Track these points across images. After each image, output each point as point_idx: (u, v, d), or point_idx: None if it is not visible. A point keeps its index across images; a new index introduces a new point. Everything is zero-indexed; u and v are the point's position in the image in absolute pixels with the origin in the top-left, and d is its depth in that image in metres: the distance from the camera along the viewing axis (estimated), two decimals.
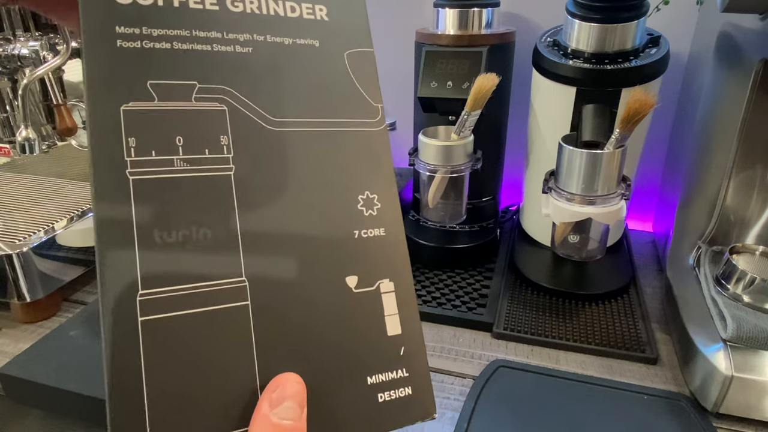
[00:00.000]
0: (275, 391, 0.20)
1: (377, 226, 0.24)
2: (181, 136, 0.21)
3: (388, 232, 0.24)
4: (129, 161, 0.20)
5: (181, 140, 0.21)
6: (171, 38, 0.22)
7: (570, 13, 0.55)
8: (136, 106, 0.21)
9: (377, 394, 0.22)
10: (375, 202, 0.24)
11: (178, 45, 0.22)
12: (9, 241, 0.55)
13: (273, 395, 0.20)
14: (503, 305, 0.57)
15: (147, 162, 0.20)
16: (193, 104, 0.22)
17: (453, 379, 0.49)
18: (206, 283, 0.20)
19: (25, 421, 0.46)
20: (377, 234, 0.24)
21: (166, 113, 0.21)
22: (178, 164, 0.21)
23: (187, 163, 0.21)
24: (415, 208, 0.70)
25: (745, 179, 0.54)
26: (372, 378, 0.22)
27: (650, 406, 0.44)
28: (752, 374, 0.42)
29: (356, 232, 0.23)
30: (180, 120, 0.21)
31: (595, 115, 0.54)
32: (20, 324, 0.57)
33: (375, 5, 0.78)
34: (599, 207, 0.52)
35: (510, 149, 0.72)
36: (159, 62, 0.21)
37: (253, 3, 0.23)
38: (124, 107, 0.20)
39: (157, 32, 0.21)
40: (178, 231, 0.20)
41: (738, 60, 0.52)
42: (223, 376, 0.20)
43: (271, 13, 0.24)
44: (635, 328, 0.54)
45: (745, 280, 0.47)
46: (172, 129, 0.21)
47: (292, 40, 0.24)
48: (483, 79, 0.53)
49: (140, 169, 0.20)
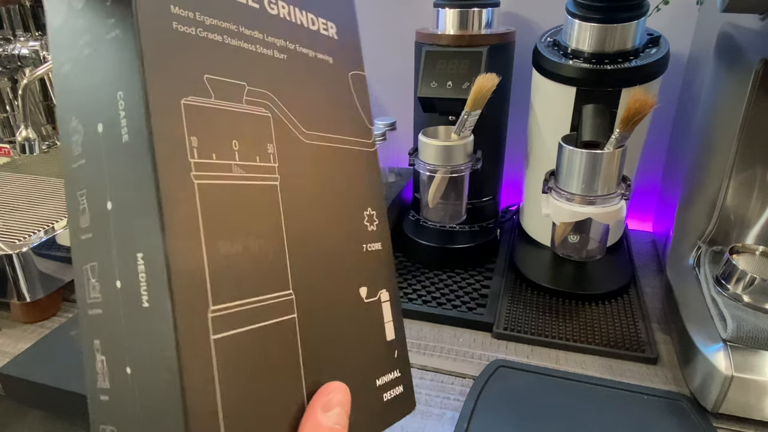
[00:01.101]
0: (326, 397, 0.21)
1: (377, 241, 0.26)
2: (237, 140, 0.20)
3: (384, 246, 0.26)
4: (193, 163, 0.18)
5: (237, 145, 0.20)
6: (222, 30, 0.20)
7: (570, 13, 0.55)
8: (196, 101, 0.19)
9: (383, 394, 0.24)
10: (374, 218, 0.26)
11: (228, 39, 0.20)
12: (9, 241, 0.55)
13: (324, 401, 0.20)
14: (503, 305, 0.57)
15: (209, 165, 0.19)
16: (245, 107, 0.20)
17: (453, 379, 0.49)
18: (265, 296, 0.20)
19: (25, 421, 0.46)
20: (377, 248, 0.25)
21: (223, 113, 0.19)
22: (236, 170, 0.19)
23: (243, 170, 0.20)
24: (415, 208, 0.70)
25: (745, 179, 0.54)
26: (379, 380, 0.24)
27: (650, 406, 0.44)
28: (752, 374, 0.42)
29: (364, 246, 0.25)
30: (235, 122, 0.20)
31: (595, 115, 0.54)
32: (20, 324, 0.57)
33: (375, 5, 0.78)
34: (599, 207, 0.52)
35: (510, 149, 0.72)
36: (213, 55, 0.19)
37: (285, 8, 0.23)
38: (184, 101, 0.18)
39: (210, 21, 0.19)
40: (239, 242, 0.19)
41: (738, 60, 0.52)
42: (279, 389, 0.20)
43: (298, 23, 0.23)
44: (635, 328, 0.54)
45: (745, 280, 0.47)
46: (228, 131, 0.20)
47: (315, 53, 0.24)
48: (483, 79, 0.53)
49: (204, 172, 0.18)
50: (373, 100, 0.85)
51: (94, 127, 0.19)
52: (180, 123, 0.18)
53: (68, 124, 0.20)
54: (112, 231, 0.18)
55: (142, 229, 0.17)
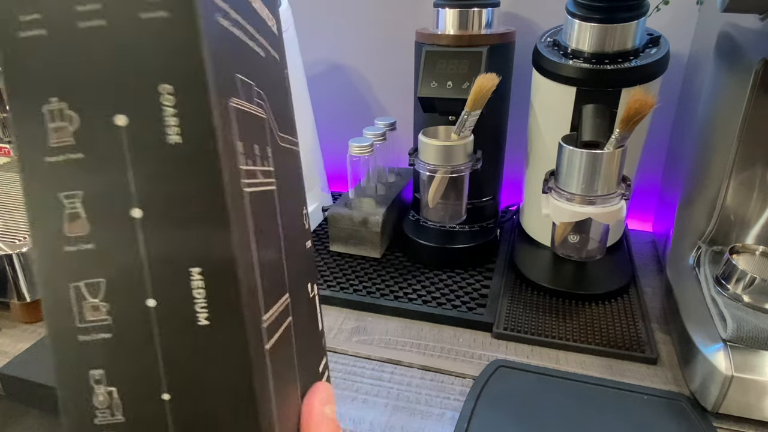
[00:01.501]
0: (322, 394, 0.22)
1: (310, 238, 0.27)
2: (257, 144, 0.19)
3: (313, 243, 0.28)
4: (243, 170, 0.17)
5: (257, 149, 0.19)
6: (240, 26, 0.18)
7: (570, 13, 0.55)
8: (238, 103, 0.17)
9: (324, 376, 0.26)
10: (306, 217, 0.27)
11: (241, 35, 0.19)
12: (9, 241, 0.55)
13: (321, 398, 0.22)
14: (503, 305, 0.57)
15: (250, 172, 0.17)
16: (257, 109, 0.19)
17: (453, 379, 0.49)
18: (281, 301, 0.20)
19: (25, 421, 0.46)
20: (310, 245, 0.27)
21: (251, 117, 0.18)
22: (259, 176, 0.18)
23: (263, 175, 0.19)
24: (415, 208, 0.70)
25: (745, 179, 0.54)
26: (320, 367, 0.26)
27: (650, 406, 0.44)
28: (752, 374, 0.42)
29: (306, 244, 0.26)
30: (255, 126, 0.19)
31: (595, 115, 0.54)
32: (20, 324, 0.57)
33: (375, 5, 0.78)
34: (599, 207, 0.52)
35: (510, 149, 0.72)
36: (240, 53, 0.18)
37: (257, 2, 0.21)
38: (230, 102, 0.16)
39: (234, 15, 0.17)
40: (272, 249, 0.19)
41: (738, 60, 0.52)
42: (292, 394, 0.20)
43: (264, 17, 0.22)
44: (635, 328, 0.54)
45: (745, 280, 0.47)
46: (254, 135, 0.18)
47: (271, 50, 0.23)
48: (483, 79, 0.53)
49: (248, 180, 0.17)
50: (373, 100, 0.85)
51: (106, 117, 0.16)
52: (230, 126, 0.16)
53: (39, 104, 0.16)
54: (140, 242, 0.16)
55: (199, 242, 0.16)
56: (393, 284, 0.62)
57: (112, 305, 0.17)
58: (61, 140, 0.16)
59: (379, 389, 0.48)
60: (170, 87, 0.15)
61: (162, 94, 0.15)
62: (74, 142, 0.16)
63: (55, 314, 0.16)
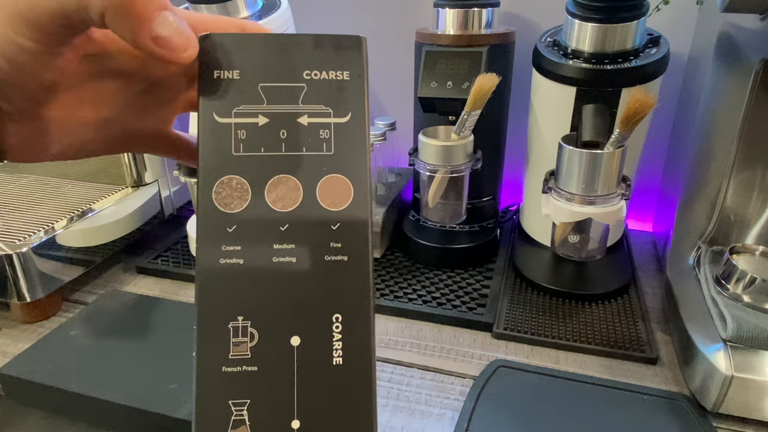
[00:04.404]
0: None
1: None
2: None
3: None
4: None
5: None
6: None
7: (570, 13, 0.55)
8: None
9: None
10: None
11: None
12: (9, 241, 0.55)
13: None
14: (503, 305, 0.57)
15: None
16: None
17: (453, 379, 0.49)
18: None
19: (25, 421, 0.46)
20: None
21: None
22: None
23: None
24: (415, 208, 0.70)
25: (745, 179, 0.54)
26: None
27: (650, 406, 0.44)
28: (752, 374, 0.42)
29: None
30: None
31: (595, 115, 0.54)
32: (20, 324, 0.57)
33: (375, 5, 0.78)
34: (599, 207, 0.52)
35: (510, 149, 0.72)
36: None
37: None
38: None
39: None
40: None
41: (738, 60, 0.52)
42: None
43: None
44: (635, 328, 0.54)
45: (745, 280, 0.47)
46: None
47: None
48: (483, 79, 0.53)
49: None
50: (373, 100, 0.85)
51: (283, 337, 0.19)
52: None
53: (227, 321, 0.19)
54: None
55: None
56: (393, 284, 0.62)
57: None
58: (240, 353, 0.18)
59: (379, 389, 0.48)
60: (340, 316, 0.18)
61: (334, 323, 0.18)
62: (250, 356, 0.18)
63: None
